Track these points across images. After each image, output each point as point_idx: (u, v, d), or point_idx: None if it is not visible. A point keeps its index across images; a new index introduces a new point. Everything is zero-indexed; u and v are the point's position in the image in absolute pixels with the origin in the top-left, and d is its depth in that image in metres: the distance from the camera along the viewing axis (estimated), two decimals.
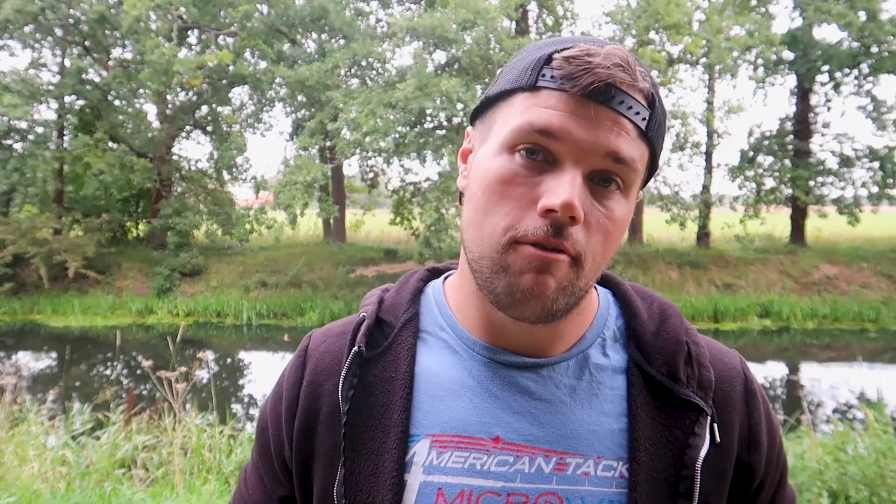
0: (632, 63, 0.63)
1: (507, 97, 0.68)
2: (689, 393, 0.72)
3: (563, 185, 0.62)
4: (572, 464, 0.69)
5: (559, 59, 0.63)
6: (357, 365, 0.73)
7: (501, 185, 0.65)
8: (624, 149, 0.64)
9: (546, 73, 0.64)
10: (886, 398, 5.22)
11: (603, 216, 0.65)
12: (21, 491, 3.35)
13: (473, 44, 14.32)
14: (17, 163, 15.85)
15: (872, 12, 15.72)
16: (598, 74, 0.62)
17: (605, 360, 0.74)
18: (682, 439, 0.70)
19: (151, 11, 15.41)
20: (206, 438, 4.68)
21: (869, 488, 3.35)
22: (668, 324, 0.76)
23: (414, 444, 0.71)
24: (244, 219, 16.60)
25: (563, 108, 0.63)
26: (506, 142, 0.66)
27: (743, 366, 0.78)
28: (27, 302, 15.56)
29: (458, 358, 0.74)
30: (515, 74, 0.67)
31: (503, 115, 0.68)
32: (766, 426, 0.76)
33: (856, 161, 17.47)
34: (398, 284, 0.83)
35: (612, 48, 0.63)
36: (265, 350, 13.21)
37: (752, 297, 14.98)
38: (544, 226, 0.63)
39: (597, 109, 0.63)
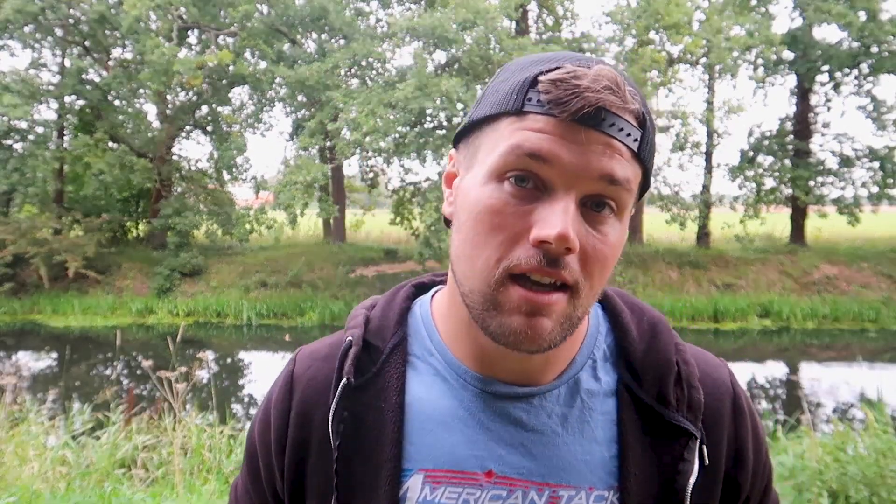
0: (621, 84, 0.61)
1: (492, 122, 0.65)
2: (679, 418, 0.71)
3: (557, 215, 0.60)
4: (565, 496, 0.69)
5: (545, 82, 0.61)
6: (345, 397, 0.72)
7: (491, 216, 0.63)
8: (618, 171, 0.62)
9: (532, 96, 0.62)
10: (886, 398, 5.22)
11: (598, 241, 0.63)
12: (21, 491, 3.36)
13: (473, 44, 14.32)
14: (18, 163, 15.85)
15: (872, 12, 15.72)
16: (588, 99, 0.59)
17: (596, 384, 0.73)
18: (671, 465, 0.70)
19: (151, 11, 15.41)
20: (206, 438, 4.68)
21: (869, 488, 3.35)
22: (658, 341, 0.75)
23: (407, 479, 0.69)
24: (244, 219, 16.60)
25: (552, 133, 0.61)
26: (493, 169, 0.63)
27: (731, 379, 0.77)
28: (27, 302, 15.56)
29: (448, 387, 0.72)
30: (500, 97, 0.64)
31: (489, 140, 0.65)
32: (752, 442, 0.76)
33: (856, 161, 17.47)
34: (384, 302, 0.80)
35: (600, 69, 0.61)
36: (265, 350, 13.21)
37: (752, 297, 14.98)
38: (538, 255, 0.61)
39: (587, 133, 0.61)
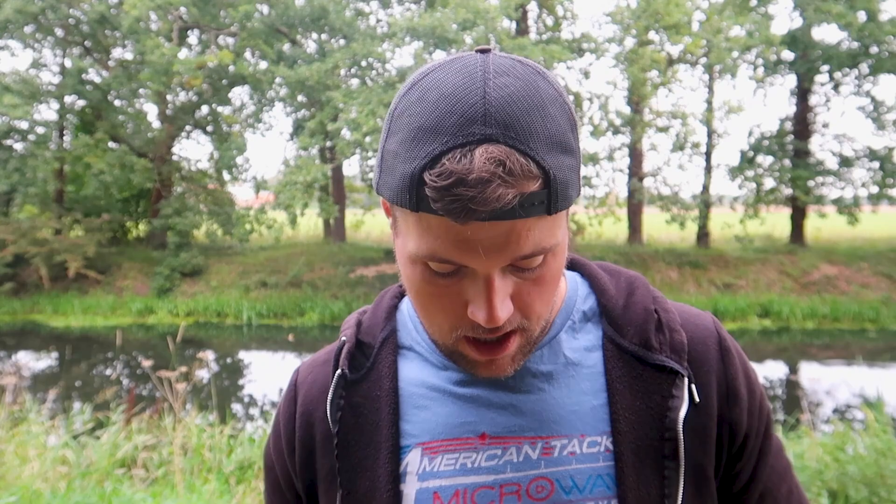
0: (512, 163, 0.57)
1: (393, 203, 0.65)
2: (663, 358, 0.73)
3: (482, 299, 0.62)
4: (557, 446, 0.71)
5: (431, 187, 0.58)
6: (342, 388, 0.76)
7: (428, 297, 0.66)
8: (530, 247, 0.61)
9: (423, 196, 0.59)
10: (886, 398, 5.22)
11: (533, 284, 0.65)
12: (21, 490, 3.36)
13: (473, 44, 14.32)
14: (18, 163, 15.86)
15: (872, 12, 15.72)
16: (481, 209, 0.57)
17: (577, 341, 0.76)
18: (661, 403, 0.72)
19: (152, 12, 15.42)
20: (207, 438, 4.68)
21: (868, 488, 3.36)
22: (636, 295, 0.78)
23: (406, 454, 0.73)
24: (244, 219, 16.61)
25: (455, 236, 0.60)
26: (414, 258, 0.65)
27: (716, 325, 0.79)
28: (27, 302, 15.57)
29: (436, 369, 0.76)
30: (394, 185, 0.62)
31: (402, 220, 0.66)
32: (743, 380, 0.77)
33: (855, 161, 17.48)
34: (373, 305, 0.85)
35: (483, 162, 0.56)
36: (265, 350, 13.21)
37: (751, 297, 14.98)
38: (480, 327, 0.64)
39: (490, 228, 0.59)
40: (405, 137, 0.61)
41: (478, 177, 0.56)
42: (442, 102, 0.59)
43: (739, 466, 0.76)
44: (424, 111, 0.60)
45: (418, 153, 0.59)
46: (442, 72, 0.62)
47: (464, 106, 0.58)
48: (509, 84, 0.60)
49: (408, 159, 0.60)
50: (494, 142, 0.57)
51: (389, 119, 0.65)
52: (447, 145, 0.58)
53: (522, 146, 0.58)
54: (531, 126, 0.59)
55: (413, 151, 0.60)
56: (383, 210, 0.72)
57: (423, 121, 0.60)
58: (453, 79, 0.61)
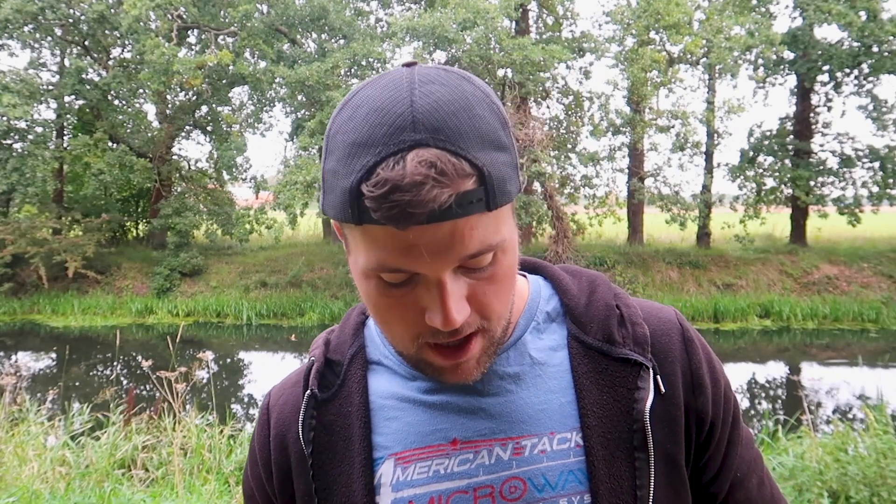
0: (444, 164, 0.58)
1: (338, 221, 0.66)
2: (627, 351, 0.75)
3: (436, 303, 0.63)
4: (528, 445, 0.72)
5: (369, 198, 0.59)
6: (313, 407, 0.77)
7: (385, 308, 0.67)
8: (475, 245, 0.62)
9: (363, 208, 0.60)
10: (887, 398, 5.22)
11: (486, 282, 0.65)
12: (21, 491, 3.35)
13: (473, 44, 14.32)
14: (17, 163, 15.85)
15: (873, 12, 15.72)
16: (419, 212, 0.58)
17: (542, 341, 0.77)
18: (627, 395, 0.73)
19: (151, 11, 15.41)
20: (206, 438, 4.68)
21: (869, 488, 3.35)
22: (598, 293, 0.80)
23: (379, 466, 0.74)
24: (244, 219, 16.61)
25: (399, 244, 0.61)
26: (367, 272, 0.65)
27: (678, 317, 0.80)
28: (27, 302, 15.56)
29: (405, 380, 0.77)
30: (336, 202, 0.63)
31: (350, 237, 0.67)
32: (707, 369, 0.78)
33: (856, 161, 17.47)
34: (341, 323, 0.86)
35: (415, 165, 0.58)
36: (265, 350, 13.21)
37: (752, 297, 14.98)
38: (439, 332, 0.65)
39: (431, 230, 0.60)
40: (341, 155, 0.62)
41: (411, 181, 0.57)
42: (372, 116, 0.61)
43: (707, 455, 0.77)
44: (356, 127, 0.62)
45: (354, 167, 0.60)
46: (371, 88, 0.64)
47: (392, 116, 0.60)
48: (435, 91, 0.61)
49: (345, 175, 0.61)
50: (425, 146, 0.59)
51: (326, 140, 0.66)
52: (380, 155, 0.59)
53: (453, 147, 0.59)
54: (460, 127, 0.60)
55: (349, 167, 0.61)
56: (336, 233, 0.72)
57: (356, 136, 0.61)
58: (381, 93, 0.62)
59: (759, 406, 9.03)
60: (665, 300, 14.47)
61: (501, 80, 15.84)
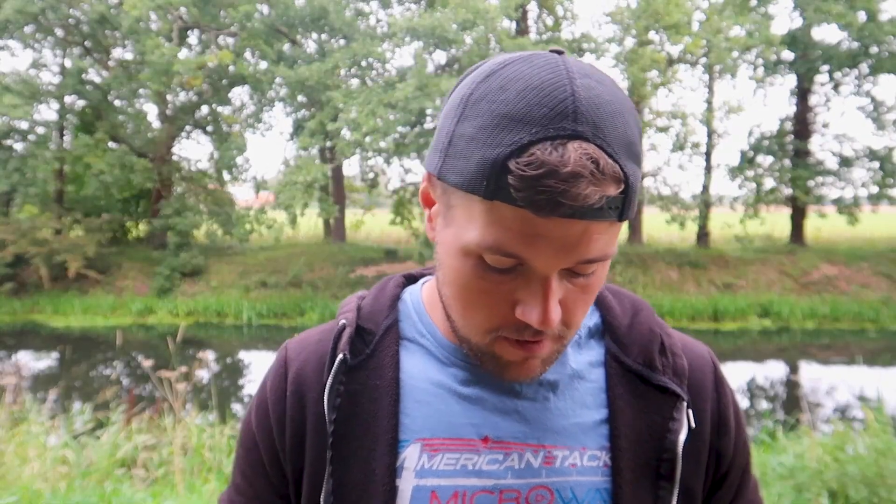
0: (603, 163, 0.56)
1: (461, 189, 0.61)
2: (666, 380, 0.74)
3: (537, 300, 0.61)
4: (559, 456, 0.71)
5: (517, 175, 0.55)
6: (342, 373, 0.73)
7: (476, 292, 0.64)
8: (595, 252, 0.60)
9: (503, 185, 0.57)
10: (886, 398, 5.22)
11: (580, 292, 0.64)
12: (22, 491, 3.36)
13: (473, 44, 14.33)
14: (18, 163, 15.86)
15: (872, 12, 15.72)
16: (568, 204, 0.55)
17: (582, 356, 0.76)
18: (661, 424, 0.73)
19: (152, 12, 15.42)
20: (207, 438, 4.68)
21: (868, 488, 3.36)
22: (641, 316, 0.79)
23: (404, 449, 0.71)
24: (244, 219, 16.60)
25: (528, 231, 0.58)
26: (471, 250, 0.62)
27: (712, 356, 0.81)
28: (28, 302, 15.56)
29: (441, 365, 0.74)
30: (468, 170, 0.59)
31: (462, 208, 0.62)
32: (733, 413, 0.79)
33: (855, 161, 17.48)
34: (375, 291, 0.82)
35: (577, 157, 0.55)
36: (265, 350, 13.21)
37: (751, 297, 14.98)
38: (525, 328, 0.63)
39: (564, 225, 0.57)
40: (485, 123, 0.58)
41: (572, 171, 0.55)
42: (529, 93, 0.57)
43: (719, 495, 0.79)
44: (508, 100, 0.58)
45: (502, 140, 0.57)
46: (523, 64, 0.60)
47: (553, 100, 0.57)
48: (594, 86, 0.59)
49: (488, 145, 0.58)
50: (585, 140, 0.56)
51: (462, 104, 0.62)
52: (536, 136, 0.56)
53: (609, 149, 0.57)
54: (615, 130, 0.58)
55: (495, 138, 0.57)
56: (422, 198, 0.70)
57: (508, 109, 0.58)
58: (538, 72, 0.59)
59: (759, 406, 9.03)
60: (664, 300, 14.48)
61: None
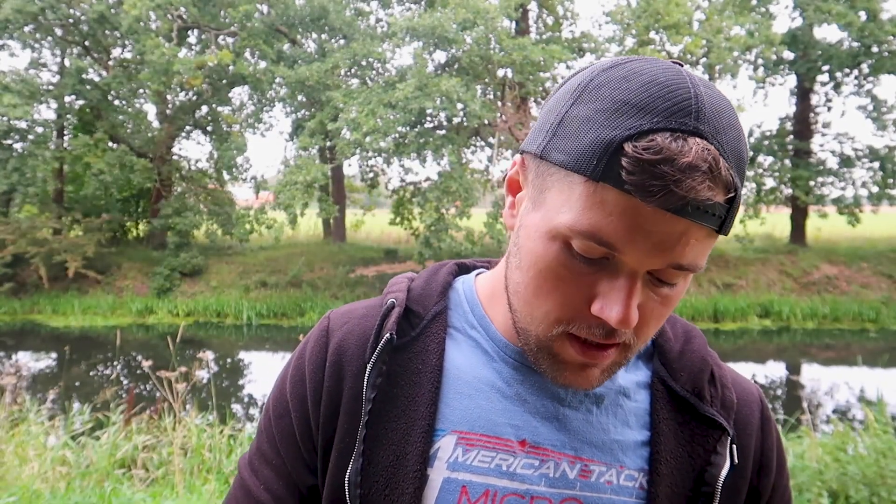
0: (720, 166, 0.55)
1: (566, 169, 0.60)
2: (714, 412, 0.73)
3: (620, 295, 0.59)
4: (596, 471, 0.69)
5: (633, 158, 0.54)
6: (386, 352, 0.72)
7: (555, 279, 0.61)
8: (688, 258, 0.58)
9: (614, 166, 0.55)
10: (886, 398, 5.22)
11: (658, 303, 0.62)
12: (21, 491, 3.36)
13: (473, 44, 14.32)
14: (17, 163, 15.84)
15: (873, 12, 15.72)
16: (677, 194, 0.53)
17: (630, 375, 0.75)
18: (703, 456, 0.71)
19: (151, 11, 15.41)
20: (206, 438, 4.67)
21: (869, 488, 3.35)
22: (693, 343, 0.77)
23: (439, 438, 0.69)
24: (244, 219, 16.60)
25: (630, 219, 0.56)
26: (562, 234, 0.60)
27: (760, 395, 0.79)
28: (27, 302, 15.56)
29: (488, 358, 0.73)
30: (578, 149, 0.58)
31: (560, 190, 0.60)
32: (777, 455, 0.77)
33: (856, 161, 17.48)
34: (427, 275, 0.80)
35: (698, 150, 0.54)
36: (265, 350, 13.21)
37: (752, 297, 14.98)
38: (597, 327, 0.61)
39: (668, 221, 0.56)
40: (604, 107, 0.57)
41: (691, 162, 0.53)
42: (653, 86, 0.57)
43: None
44: (632, 88, 0.57)
45: (622, 124, 0.56)
46: (646, 63, 0.60)
47: (677, 96, 0.56)
48: (715, 96, 0.58)
49: (606, 126, 0.56)
50: (706, 139, 0.55)
51: (580, 89, 0.60)
52: (657, 125, 0.55)
53: (726, 155, 0.56)
54: (732, 141, 0.57)
55: (615, 121, 0.56)
56: (507, 185, 0.69)
57: (630, 97, 0.57)
58: (661, 71, 0.58)
59: None
60: None
61: (501, 80, 15.85)
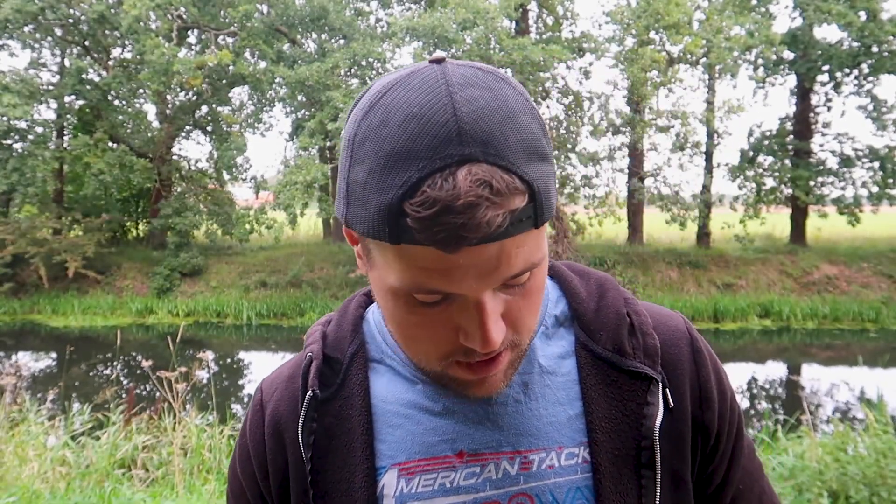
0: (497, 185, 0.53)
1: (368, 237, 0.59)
2: (637, 364, 0.72)
3: (475, 324, 0.59)
4: (536, 460, 0.69)
5: (414, 218, 0.54)
6: (313, 409, 0.72)
7: (414, 327, 0.63)
8: (519, 265, 0.58)
9: (404, 228, 0.55)
10: (887, 398, 5.22)
11: (520, 297, 0.62)
12: (21, 491, 3.35)
13: (473, 44, 14.32)
14: (17, 163, 15.85)
15: (872, 12, 15.72)
16: (473, 233, 0.53)
17: (550, 348, 0.74)
18: (636, 411, 0.71)
19: (151, 11, 15.41)
20: (206, 438, 4.68)
21: (869, 488, 3.35)
22: (608, 298, 0.76)
23: (381, 476, 0.70)
24: (244, 219, 16.61)
25: (443, 265, 0.56)
26: (396, 290, 0.60)
27: (687, 325, 0.78)
28: (27, 302, 15.56)
29: (410, 383, 0.73)
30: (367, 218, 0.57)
31: (378, 252, 0.61)
32: (715, 382, 0.75)
33: (856, 161, 17.47)
34: (337, 315, 0.80)
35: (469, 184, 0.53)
36: (265, 350, 13.21)
37: (752, 297, 14.98)
38: (473, 351, 0.61)
39: (479, 252, 0.55)
40: (373, 166, 0.56)
41: (465, 202, 0.52)
42: (410, 123, 0.55)
43: (711, 468, 0.76)
44: (391, 135, 0.55)
45: (393, 182, 0.54)
46: (401, 89, 0.57)
47: (435, 126, 0.54)
48: (477, 96, 0.56)
49: (381, 189, 0.55)
50: (475, 161, 0.53)
51: (350, 146, 0.59)
52: (424, 171, 0.53)
53: (504, 162, 0.54)
54: (507, 138, 0.55)
55: (386, 181, 0.55)
56: (347, 237, 0.68)
57: (392, 146, 0.55)
58: (415, 96, 0.56)
59: (759, 406, 9.03)
60: (665, 300, 14.47)
61: None
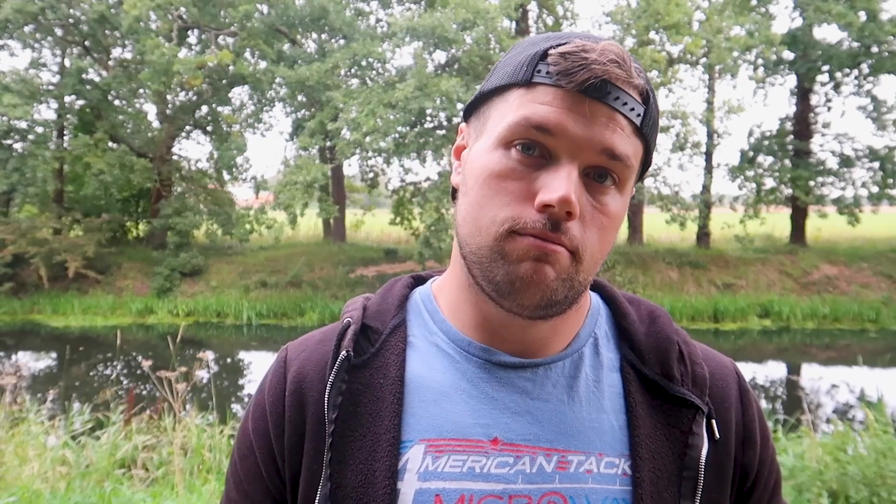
0: (627, 59, 0.64)
1: (501, 93, 0.68)
2: (685, 391, 0.72)
3: (560, 181, 0.62)
4: (574, 461, 0.68)
5: (555, 55, 0.63)
6: (344, 370, 0.71)
7: (498, 180, 0.65)
8: (619, 145, 0.64)
9: (541, 68, 0.64)
10: (886, 398, 5.22)
11: (598, 212, 0.66)
12: (21, 491, 3.36)
13: (473, 44, 14.32)
14: (17, 163, 15.84)
15: (872, 12, 15.72)
16: (594, 71, 0.62)
17: (599, 358, 0.74)
18: (681, 438, 0.70)
19: (151, 11, 15.41)
20: (206, 438, 4.67)
21: (869, 488, 3.35)
22: (658, 324, 0.76)
23: (406, 450, 0.68)
24: (244, 219, 16.60)
25: (558, 105, 0.63)
26: (501, 137, 0.66)
27: (735, 368, 0.78)
28: (27, 302, 15.56)
29: (451, 361, 0.72)
30: (510, 70, 0.67)
31: (498, 110, 0.68)
32: (759, 426, 0.76)
33: (856, 161, 17.48)
34: (382, 291, 0.80)
35: (607, 44, 0.63)
36: (265, 350, 13.21)
37: (752, 297, 14.97)
38: (542, 220, 0.63)
39: (592, 105, 0.63)
40: (529, 41, 0.70)
41: (601, 50, 0.63)
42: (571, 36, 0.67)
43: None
44: (552, 35, 0.69)
45: (540, 45, 0.66)
46: None
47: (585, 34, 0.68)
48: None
49: (532, 46, 0.68)
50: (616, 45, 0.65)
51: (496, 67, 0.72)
52: (574, 39, 0.65)
53: (636, 64, 0.66)
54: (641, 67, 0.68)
55: (538, 44, 0.67)
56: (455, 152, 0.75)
57: (551, 35, 0.69)
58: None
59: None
60: (665, 300, 14.48)
61: None
